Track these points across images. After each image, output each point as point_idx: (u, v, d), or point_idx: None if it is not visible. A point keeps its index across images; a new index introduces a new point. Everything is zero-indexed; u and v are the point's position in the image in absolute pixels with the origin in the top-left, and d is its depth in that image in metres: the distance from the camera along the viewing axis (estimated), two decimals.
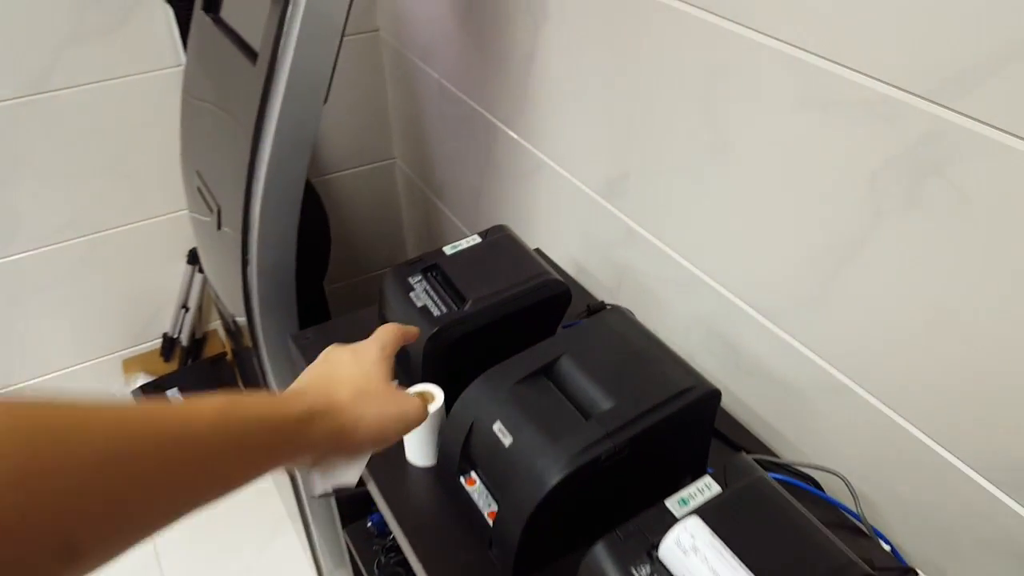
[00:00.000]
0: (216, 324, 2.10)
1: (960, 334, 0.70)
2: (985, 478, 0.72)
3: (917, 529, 0.81)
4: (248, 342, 1.29)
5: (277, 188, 1.07)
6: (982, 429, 0.71)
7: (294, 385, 0.61)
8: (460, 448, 0.84)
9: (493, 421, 0.80)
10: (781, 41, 0.76)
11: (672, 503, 0.70)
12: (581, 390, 0.81)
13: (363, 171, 1.95)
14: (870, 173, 0.72)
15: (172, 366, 2.03)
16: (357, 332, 1.10)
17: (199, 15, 1.31)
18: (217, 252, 1.32)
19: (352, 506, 1.30)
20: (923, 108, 0.66)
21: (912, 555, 0.82)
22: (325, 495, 0.61)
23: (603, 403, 0.79)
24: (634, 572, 0.65)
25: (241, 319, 1.33)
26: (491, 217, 1.53)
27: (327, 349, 0.64)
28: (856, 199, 0.74)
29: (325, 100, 1.09)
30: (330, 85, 1.08)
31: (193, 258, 1.91)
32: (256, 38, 1.07)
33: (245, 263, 1.13)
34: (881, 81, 0.68)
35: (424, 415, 0.63)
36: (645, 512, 0.69)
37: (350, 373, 0.61)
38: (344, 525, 1.31)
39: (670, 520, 0.68)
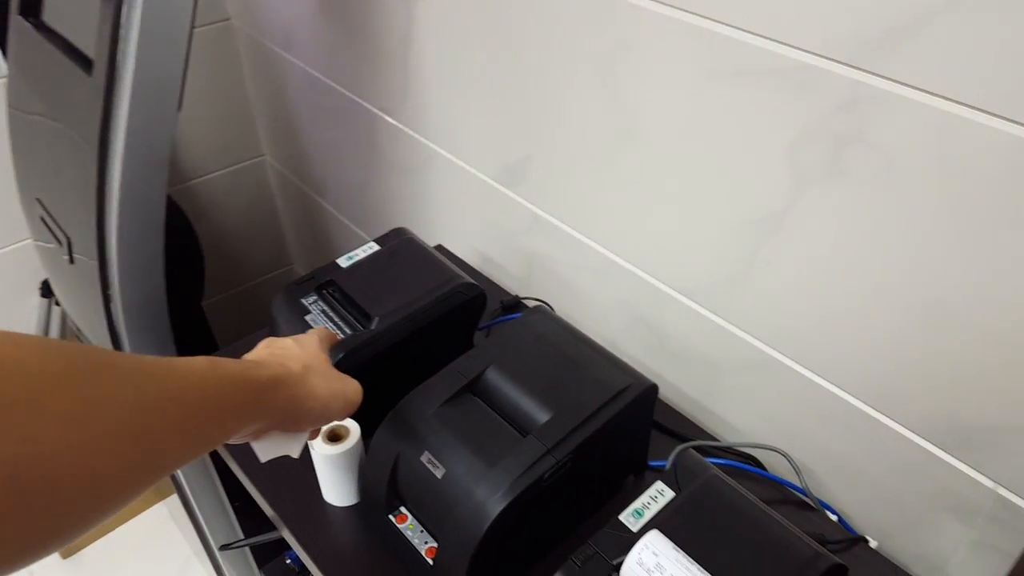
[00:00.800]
0: None
1: (887, 299, 0.68)
2: (923, 438, 0.72)
3: (862, 496, 0.80)
4: None
5: (134, 211, 0.94)
6: (916, 390, 0.70)
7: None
8: (386, 484, 0.76)
9: (420, 452, 0.73)
10: (685, 11, 0.71)
11: (627, 517, 0.65)
12: (513, 404, 0.75)
13: (229, 173, 1.80)
14: (788, 144, 0.69)
15: None
16: None
17: (17, 21, 1.13)
18: (73, 285, 1.16)
19: (265, 547, 1.20)
20: (840, 73, 0.63)
21: (859, 522, 0.82)
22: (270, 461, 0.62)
23: (539, 416, 0.73)
24: None
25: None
26: (381, 213, 1.43)
27: (265, 340, 0.65)
28: (775, 171, 0.71)
29: (179, 106, 0.96)
30: (183, 88, 0.95)
31: (47, 290, 1.70)
32: (89, 43, 0.93)
33: (107, 299, 0.99)
34: (794, 47, 0.65)
35: (361, 397, 0.66)
36: (600, 531, 0.65)
37: (296, 353, 0.62)
38: (260, 565, 1.21)
39: (628, 536, 0.63)
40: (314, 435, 0.71)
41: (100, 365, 0.39)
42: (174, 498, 1.63)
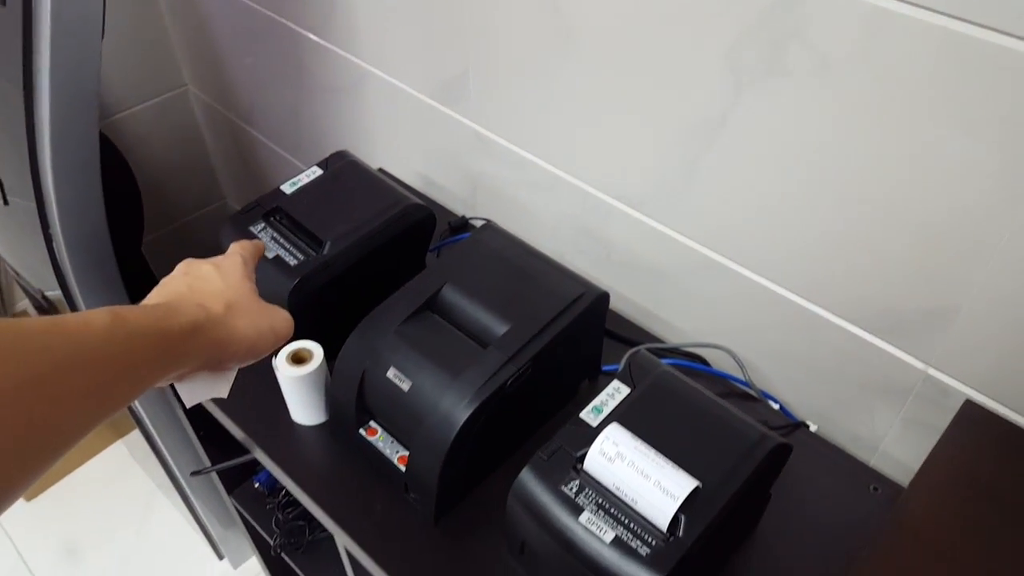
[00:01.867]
0: (23, 304, 1.85)
1: (820, 196, 0.72)
2: (856, 326, 0.77)
3: (801, 385, 0.87)
4: None
5: (68, 147, 0.91)
6: (848, 281, 0.75)
7: (156, 298, 0.57)
8: (355, 401, 0.79)
9: (386, 368, 0.76)
10: None
11: (587, 414, 0.69)
12: (471, 318, 0.78)
13: (151, 106, 1.73)
14: (727, 46, 0.71)
15: None
16: None
17: None
18: (8, 227, 1.13)
19: (232, 471, 1.23)
20: None
21: (799, 410, 0.88)
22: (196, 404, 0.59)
23: (497, 328, 0.76)
24: (564, 490, 0.65)
25: (52, 293, 1.16)
26: (315, 139, 1.41)
27: (184, 262, 0.61)
28: (714, 75, 0.73)
29: (102, 34, 0.92)
30: (104, 13, 0.91)
31: None
32: None
33: (48, 238, 0.97)
34: None
35: (292, 328, 0.61)
36: (563, 428, 0.69)
37: (217, 287, 0.58)
38: (230, 491, 1.23)
39: (589, 430, 0.67)
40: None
41: None
42: (133, 435, 1.64)
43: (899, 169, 0.65)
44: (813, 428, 0.85)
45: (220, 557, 1.71)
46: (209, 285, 0.57)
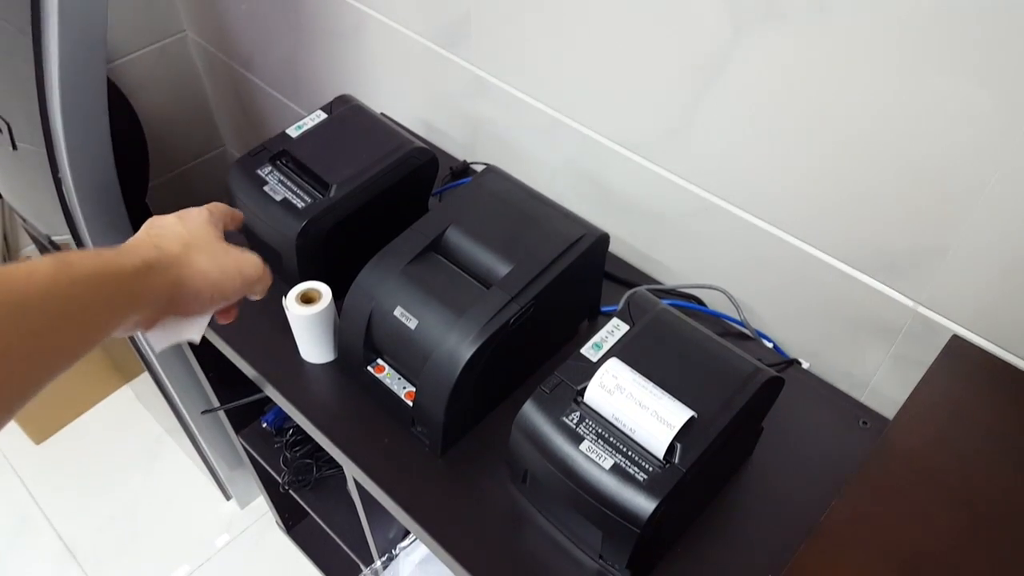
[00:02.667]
0: (29, 250, 1.86)
1: (817, 137, 0.74)
2: (850, 265, 0.79)
3: (794, 325, 0.89)
4: None
5: (76, 89, 0.92)
6: (843, 221, 0.77)
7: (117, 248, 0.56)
8: (363, 339, 0.81)
9: (393, 307, 0.78)
10: None
11: (587, 349, 0.72)
12: (475, 259, 0.80)
13: (149, 53, 1.72)
14: None
15: None
16: None
17: None
18: (16, 173, 1.14)
19: (239, 412, 1.26)
20: None
21: (792, 348, 0.91)
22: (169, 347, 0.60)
23: (500, 268, 0.78)
24: (565, 420, 0.68)
25: (60, 238, 1.18)
26: (315, 85, 1.41)
27: (149, 220, 0.60)
28: (714, 17, 0.74)
29: None
30: None
31: None
32: None
33: (58, 182, 0.98)
34: None
35: (263, 272, 0.61)
36: (565, 363, 0.71)
37: (177, 231, 0.57)
38: (238, 430, 1.27)
39: (589, 366, 0.70)
40: (228, 315, 0.64)
41: None
42: (140, 380, 1.67)
43: (893, 110, 0.67)
44: (805, 365, 0.88)
45: (228, 497, 1.76)
46: (167, 230, 0.57)
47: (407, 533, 1.09)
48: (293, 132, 0.95)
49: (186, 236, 0.57)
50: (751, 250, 0.87)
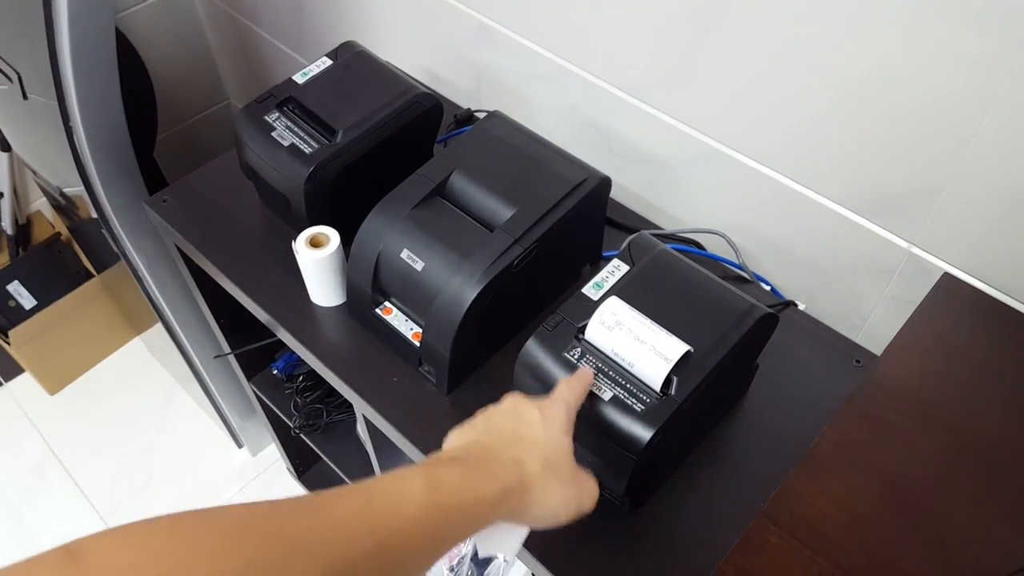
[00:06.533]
0: (38, 204, 1.89)
1: (818, 82, 0.75)
2: (846, 208, 0.81)
3: (791, 267, 0.91)
4: (88, 214, 1.18)
5: (86, 37, 0.93)
6: (840, 165, 0.79)
7: (480, 432, 0.57)
8: (371, 281, 0.84)
9: (400, 250, 0.80)
10: None
11: (588, 289, 0.74)
12: (479, 204, 0.81)
13: (153, 4, 1.71)
14: None
15: (3, 259, 1.83)
16: (226, 183, 1.03)
17: None
18: (27, 124, 1.15)
19: (249, 360, 1.29)
20: None
21: (789, 291, 0.93)
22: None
23: (504, 212, 0.80)
24: (567, 356, 0.70)
25: (71, 190, 1.20)
26: (319, 35, 1.41)
27: (511, 398, 0.61)
28: None
29: None
30: None
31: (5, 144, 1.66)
32: None
33: (69, 131, 1.00)
34: None
35: (595, 504, 0.59)
36: (566, 302, 0.74)
37: (539, 439, 0.56)
38: (249, 378, 1.30)
39: (590, 304, 0.72)
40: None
41: (285, 547, 0.38)
42: (151, 332, 1.70)
43: (890, 52, 0.68)
44: (802, 307, 0.91)
45: (239, 445, 1.81)
46: (531, 432, 0.56)
47: None
48: (299, 78, 0.96)
49: (548, 450, 0.55)
50: (750, 194, 0.89)
